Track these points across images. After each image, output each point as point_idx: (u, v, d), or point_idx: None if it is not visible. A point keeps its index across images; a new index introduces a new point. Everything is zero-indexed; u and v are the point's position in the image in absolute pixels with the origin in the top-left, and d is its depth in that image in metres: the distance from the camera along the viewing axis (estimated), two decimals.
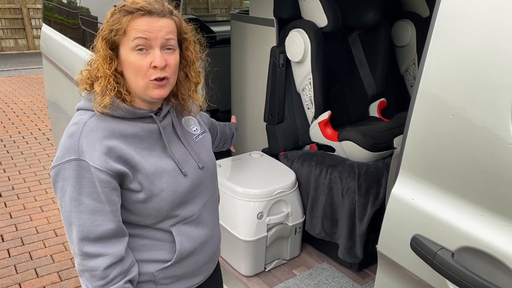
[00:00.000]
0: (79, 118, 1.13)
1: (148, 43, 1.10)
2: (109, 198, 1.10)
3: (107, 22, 1.11)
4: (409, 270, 1.16)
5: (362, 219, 2.25)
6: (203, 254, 1.33)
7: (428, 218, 1.08)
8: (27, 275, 2.88)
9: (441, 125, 1.04)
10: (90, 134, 1.10)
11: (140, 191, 1.14)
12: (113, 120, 1.14)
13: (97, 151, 1.08)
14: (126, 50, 1.11)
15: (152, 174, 1.16)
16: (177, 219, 1.23)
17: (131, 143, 1.15)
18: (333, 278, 2.38)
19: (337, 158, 2.50)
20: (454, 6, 1.00)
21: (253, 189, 2.28)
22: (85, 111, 1.15)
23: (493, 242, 0.95)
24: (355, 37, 2.94)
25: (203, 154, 1.33)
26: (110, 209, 1.11)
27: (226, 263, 2.48)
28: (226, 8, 11.93)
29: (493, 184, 0.94)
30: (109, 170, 1.08)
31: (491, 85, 0.93)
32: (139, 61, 1.10)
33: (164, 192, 1.17)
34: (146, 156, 1.17)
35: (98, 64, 1.12)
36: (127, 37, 1.10)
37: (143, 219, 1.19)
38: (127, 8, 1.10)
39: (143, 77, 1.12)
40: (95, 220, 1.09)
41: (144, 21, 1.10)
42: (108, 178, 1.08)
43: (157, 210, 1.18)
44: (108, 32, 1.11)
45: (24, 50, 11.16)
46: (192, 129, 1.35)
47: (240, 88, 3.14)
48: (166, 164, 1.20)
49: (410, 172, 1.14)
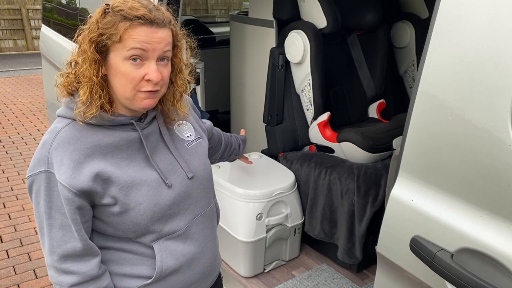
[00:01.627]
0: (54, 127, 1.07)
1: (144, 55, 1.02)
2: (72, 217, 1.04)
3: (97, 23, 1.02)
4: (408, 272, 1.16)
5: (361, 220, 2.25)
6: (190, 273, 1.22)
7: (427, 220, 1.08)
8: (26, 276, 2.87)
9: (440, 127, 1.04)
10: (61, 145, 1.03)
11: (114, 204, 1.07)
12: (89, 129, 1.06)
13: (64, 165, 1.02)
14: (118, 58, 1.02)
15: (128, 186, 1.08)
16: (159, 234, 1.15)
17: (107, 153, 1.07)
18: (332, 279, 2.38)
19: (336, 159, 2.50)
20: (453, 8, 1.01)
21: (252, 190, 2.28)
22: (63, 119, 1.08)
23: (493, 243, 0.95)
24: (354, 38, 2.95)
25: (194, 162, 1.23)
26: (74, 228, 1.05)
27: (225, 264, 2.48)
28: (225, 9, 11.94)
29: (492, 186, 0.94)
30: (72, 188, 1.01)
31: (490, 87, 0.93)
32: (131, 72, 1.02)
33: (141, 205, 1.09)
34: (124, 167, 1.09)
35: (84, 68, 1.03)
36: (122, 45, 1.01)
37: (121, 232, 1.12)
38: (125, 14, 1.00)
39: (132, 88, 1.04)
40: (64, 235, 1.05)
41: (143, 31, 1.01)
42: (71, 196, 1.02)
43: (135, 224, 1.10)
44: (98, 34, 1.01)
45: (23, 51, 11.14)
46: (185, 135, 1.25)
47: (239, 89, 3.14)
48: (146, 176, 1.11)
49: (409, 173, 1.15)
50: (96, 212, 1.10)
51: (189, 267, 1.22)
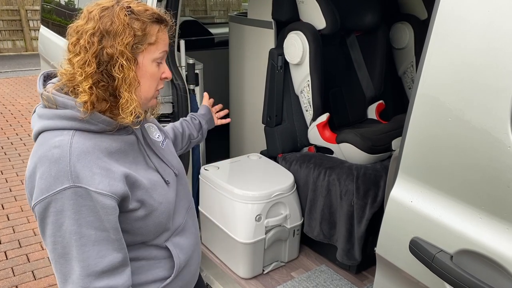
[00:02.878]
0: (59, 140, 0.99)
1: (165, 56, 1.12)
2: (114, 226, 1.01)
3: (129, 26, 1.02)
4: (407, 273, 1.16)
5: (360, 222, 2.25)
6: (194, 263, 1.31)
7: (427, 221, 1.08)
8: (24, 278, 2.87)
9: (439, 128, 1.04)
10: (83, 156, 0.98)
11: (139, 208, 1.08)
12: (94, 136, 1.04)
13: (97, 175, 0.98)
14: (148, 60, 1.07)
15: (150, 188, 1.10)
16: (170, 232, 1.20)
17: (119, 159, 1.06)
18: (332, 280, 2.37)
19: (336, 160, 2.50)
20: (452, 9, 1.01)
21: (251, 191, 2.28)
22: (61, 131, 1.01)
23: (492, 245, 0.95)
24: (353, 39, 2.95)
25: (173, 160, 1.28)
26: (115, 237, 1.01)
27: (224, 266, 2.48)
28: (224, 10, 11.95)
29: (492, 187, 0.94)
30: (114, 194, 0.99)
31: (489, 88, 0.93)
32: (157, 72, 1.11)
33: (162, 204, 1.13)
34: (136, 170, 1.10)
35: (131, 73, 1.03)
36: (155, 47, 1.08)
37: (141, 237, 1.12)
38: (157, 16, 1.07)
39: (155, 88, 1.12)
40: (100, 251, 0.99)
41: (166, 34, 1.11)
42: (113, 204, 0.99)
43: (157, 224, 1.13)
44: (133, 36, 1.02)
45: (22, 52, 11.14)
46: (155, 136, 1.28)
47: (238, 90, 3.14)
48: (153, 176, 1.15)
49: (408, 174, 1.14)
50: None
51: (193, 258, 1.29)
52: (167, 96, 2.35)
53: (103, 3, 1.05)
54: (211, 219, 2.46)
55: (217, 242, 2.51)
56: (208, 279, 2.43)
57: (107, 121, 1.05)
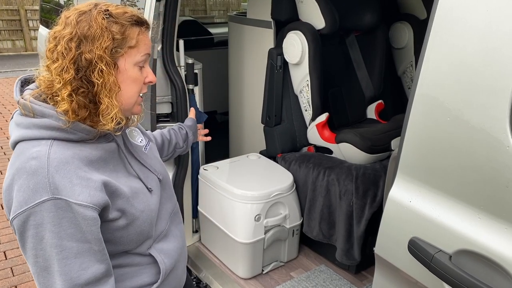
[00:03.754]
0: (37, 151, 0.96)
1: (148, 59, 1.09)
2: (96, 237, 0.98)
3: (107, 29, 0.99)
4: (406, 273, 1.16)
5: (359, 221, 2.25)
6: (180, 267, 1.28)
7: (425, 221, 1.08)
8: (23, 278, 2.86)
9: (438, 128, 1.04)
10: (62, 166, 0.95)
11: (120, 217, 1.05)
12: (73, 145, 1.01)
13: (77, 186, 0.95)
14: (129, 64, 1.05)
15: (131, 196, 1.07)
16: (153, 239, 1.17)
17: (99, 168, 1.03)
18: (331, 280, 2.37)
19: (335, 160, 2.49)
20: (451, 9, 1.00)
21: (251, 191, 2.28)
22: (38, 141, 0.98)
23: (491, 245, 0.94)
24: (353, 39, 2.95)
25: (156, 165, 1.25)
26: (98, 248, 0.99)
27: (224, 265, 2.48)
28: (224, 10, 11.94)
29: (491, 187, 0.94)
30: (95, 205, 0.97)
31: (488, 88, 0.93)
32: (140, 76, 1.08)
33: (144, 213, 1.10)
34: (117, 178, 1.07)
35: (112, 79, 1.00)
36: (136, 50, 1.05)
37: (122, 246, 1.10)
38: (137, 19, 1.05)
39: (138, 93, 1.09)
40: (83, 263, 0.96)
41: (148, 36, 1.08)
42: (95, 215, 0.97)
43: (139, 233, 1.10)
44: (111, 40, 1.00)
45: (21, 52, 11.13)
46: (138, 140, 1.25)
47: (237, 90, 3.14)
48: (135, 183, 1.12)
49: (407, 174, 1.14)
50: None
51: (179, 262, 1.27)
52: (166, 96, 2.35)
53: (80, 8, 1.03)
54: (210, 219, 2.46)
55: (216, 242, 2.51)
56: (207, 279, 2.43)
57: (87, 130, 1.02)
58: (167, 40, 2.24)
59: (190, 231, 2.66)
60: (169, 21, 2.21)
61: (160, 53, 2.25)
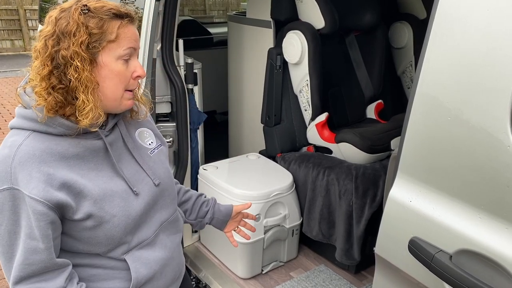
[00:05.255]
0: (12, 140, 1.00)
1: (134, 53, 1.06)
2: (45, 233, 0.98)
3: (83, 25, 0.98)
4: (406, 273, 1.15)
5: (359, 221, 2.25)
6: (163, 280, 1.21)
7: (426, 221, 1.08)
8: None
9: (438, 127, 1.04)
10: (25, 158, 0.97)
11: (88, 218, 1.03)
12: (51, 139, 1.01)
13: (34, 179, 0.96)
14: (111, 58, 1.02)
15: (101, 199, 1.05)
16: (129, 246, 1.13)
17: (74, 165, 1.03)
18: (331, 280, 2.37)
19: (334, 160, 2.49)
20: (451, 8, 1.00)
21: (250, 191, 2.28)
22: (20, 131, 1.02)
23: (492, 244, 0.94)
24: (352, 39, 2.94)
25: (159, 169, 1.22)
26: (45, 246, 0.99)
27: (223, 265, 2.47)
28: (223, 9, 11.94)
29: (491, 187, 0.94)
30: (47, 201, 0.96)
31: (488, 87, 0.93)
32: (124, 71, 1.05)
33: (115, 217, 1.07)
34: (93, 178, 1.05)
35: (86, 74, 0.99)
36: (116, 44, 1.02)
37: (92, 247, 1.08)
38: (116, 11, 1.02)
39: (123, 88, 1.06)
40: (27, 259, 0.98)
41: (132, 29, 1.05)
42: (45, 210, 0.97)
43: (108, 237, 1.07)
44: (88, 35, 0.99)
45: (20, 51, 11.12)
46: (147, 142, 1.23)
47: (237, 89, 3.14)
48: (116, 186, 1.09)
49: (407, 174, 1.14)
50: (66, 228, 1.04)
51: (162, 274, 1.21)
52: (165, 96, 2.34)
53: (63, 5, 1.02)
54: None
55: (216, 242, 2.50)
56: (206, 279, 2.43)
57: (65, 125, 1.02)
58: (166, 40, 2.23)
59: (190, 231, 2.66)
60: (169, 21, 2.21)
61: (159, 53, 2.25)
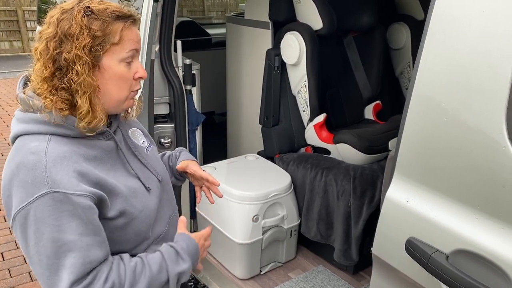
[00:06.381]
0: (34, 146, 0.96)
1: (136, 54, 1.06)
2: (98, 226, 0.97)
3: (86, 28, 0.97)
4: (404, 273, 1.16)
5: (357, 222, 2.25)
6: None
7: (422, 221, 1.08)
8: (21, 279, 2.86)
9: (435, 128, 1.04)
10: (59, 162, 0.95)
11: (119, 217, 1.04)
12: (70, 141, 1.00)
13: (73, 178, 0.95)
14: (114, 60, 1.02)
15: (129, 196, 1.06)
16: (150, 241, 1.15)
17: (97, 166, 1.03)
18: (329, 281, 2.37)
19: (333, 160, 2.50)
20: (448, 9, 1.01)
21: (249, 192, 2.28)
22: (36, 136, 0.99)
23: (488, 244, 0.95)
24: (350, 40, 2.95)
25: (158, 166, 1.24)
26: (100, 239, 0.98)
27: (221, 266, 2.47)
28: (222, 10, 11.94)
29: (488, 187, 0.94)
30: (92, 195, 0.96)
31: (485, 88, 0.93)
32: (127, 73, 1.04)
33: (142, 212, 1.09)
34: (115, 177, 1.06)
35: (84, 77, 0.97)
36: (120, 46, 1.01)
37: (121, 246, 1.08)
38: (119, 13, 1.01)
39: (128, 90, 1.06)
40: (87, 257, 0.95)
41: (134, 30, 1.04)
42: (92, 204, 0.96)
43: (136, 233, 1.09)
44: (91, 38, 0.97)
45: (19, 53, 11.10)
46: (140, 141, 1.24)
47: (235, 90, 3.14)
48: (133, 183, 1.10)
49: (404, 174, 1.14)
50: None
51: None
52: (164, 97, 2.35)
53: (64, 6, 1.01)
54: (208, 220, 2.45)
55: (214, 243, 2.50)
56: (205, 279, 2.43)
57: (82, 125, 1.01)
58: (165, 41, 2.24)
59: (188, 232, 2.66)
60: (167, 22, 2.21)
61: (158, 54, 2.25)
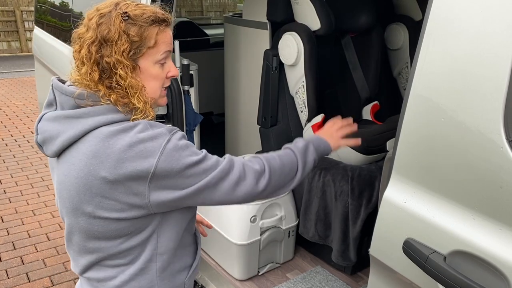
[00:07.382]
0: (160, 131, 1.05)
1: (169, 55, 1.12)
2: None
3: (124, 33, 1.02)
4: (401, 274, 1.16)
5: (355, 222, 2.25)
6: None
7: (420, 222, 1.08)
8: (18, 280, 2.85)
9: (432, 129, 1.04)
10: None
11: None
12: None
13: None
14: (150, 62, 1.08)
15: None
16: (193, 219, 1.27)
17: None
18: (327, 281, 2.37)
19: (330, 161, 2.49)
20: (445, 10, 1.01)
21: None
22: (119, 124, 1.05)
23: (485, 245, 0.95)
24: (348, 40, 2.95)
25: None
26: None
27: (219, 267, 2.47)
28: (220, 11, 11.95)
29: (485, 188, 0.94)
30: None
31: (482, 89, 0.93)
32: (161, 73, 1.11)
33: None
34: None
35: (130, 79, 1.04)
36: (155, 49, 1.07)
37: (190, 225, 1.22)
38: (154, 18, 1.06)
39: (160, 88, 1.13)
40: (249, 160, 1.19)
41: (168, 33, 1.10)
42: None
43: (194, 210, 1.24)
44: (130, 43, 1.03)
45: (17, 53, 11.10)
46: None
47: (233, 91, 3.14)
48: None
49: (402, 175, 1.14)
50: (176, 220, 1.15)
51: None
52: None
53: (102, 9, 1.05)
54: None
55: (212, 244, 2.50)
56: (203, 280, 2.42)
57: None
58: None
59: None
60: None
61: None
